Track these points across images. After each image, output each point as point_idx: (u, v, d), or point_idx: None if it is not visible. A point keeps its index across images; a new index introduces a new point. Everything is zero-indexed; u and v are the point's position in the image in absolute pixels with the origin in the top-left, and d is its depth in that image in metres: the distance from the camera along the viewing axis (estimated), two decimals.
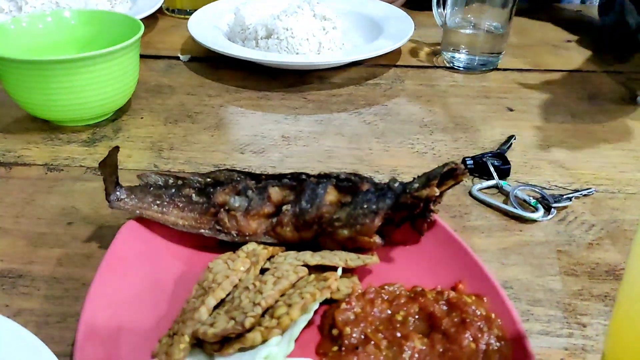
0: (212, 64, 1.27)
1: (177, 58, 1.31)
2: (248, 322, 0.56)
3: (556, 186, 0.88)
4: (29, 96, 0.96)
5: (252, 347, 0.56)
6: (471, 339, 0.57)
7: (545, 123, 1.05)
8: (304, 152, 0.96)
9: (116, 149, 0.71)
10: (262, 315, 0.58)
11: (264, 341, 0.56)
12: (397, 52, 1.33)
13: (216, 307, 0.61)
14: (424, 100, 1.13)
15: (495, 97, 1.15)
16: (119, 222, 0.73)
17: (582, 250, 0.75)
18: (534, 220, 0.79)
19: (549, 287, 0.69)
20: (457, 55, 1.26)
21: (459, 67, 1.26)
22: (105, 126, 1.02)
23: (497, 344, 0.57)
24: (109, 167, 0.71)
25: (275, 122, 1.05)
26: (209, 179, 0.76)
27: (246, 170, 0.78)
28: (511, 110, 1.10)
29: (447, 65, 1.28)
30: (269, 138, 1.00)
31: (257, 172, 0.77)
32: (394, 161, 0.93)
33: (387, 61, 1.29)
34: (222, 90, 1.16)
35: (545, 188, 0.87)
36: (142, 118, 1.05)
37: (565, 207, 0.82)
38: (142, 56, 1.11)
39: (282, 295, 0.60)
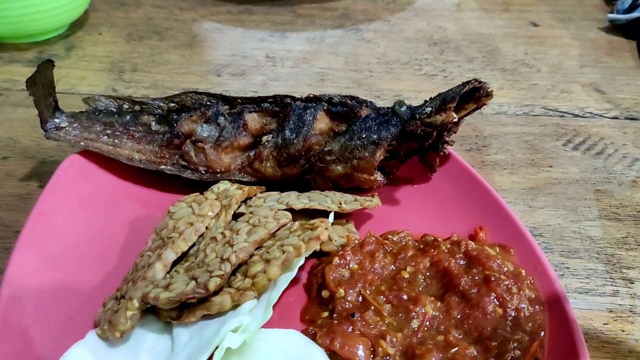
0: None
1: None
2: (213, 284, 0.43)
3: (591, 113, 0.75)
4: None
5: (220, 314, 0.45)
6: (497, 302, 0.46)
7: (577, 40, 0.91)
8: (292, 75, 0.83)
9: (49, 62, 0.56)
10: (233, 273, 0.46)
11: (236, 306, 0.45)
12: None
13: (177, 261, 0.48)
14: (433, 14, 0.99)
15: (517, 11, 1.00)
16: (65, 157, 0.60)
17: (625, 189, 0.63)
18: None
19: (587, 234, 0.57)
20: None
21: None
22: (55, 43, 0.88)
23: (530, 308, 0.46)
24: (41, 87, 0.57)
25: (259, 40, 0.92)
26: (172, 104, 0.62)
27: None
28: (536, 25, 0.96)
29: None
30: (251, 58, 0.87)
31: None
32: (398, 85, 0.81)
33: None
34: (196, 3, 1.01)
35: (578, 116, 0.74)
36: (100, 34, 0.92)
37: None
38: None
39: (258, 248, 0.48)
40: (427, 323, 0.45)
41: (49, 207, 0.53)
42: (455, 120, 0.54)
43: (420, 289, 0.48)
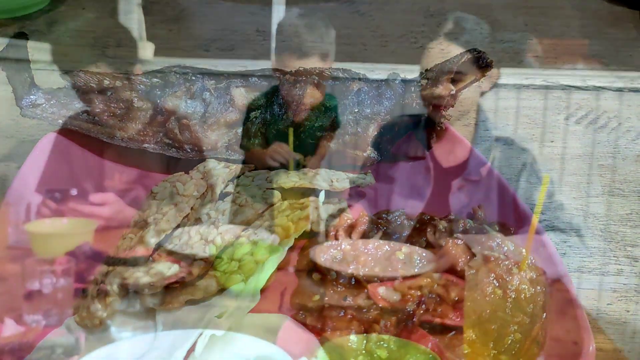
0: None
1: None
2: (196, 268, 0.41)
3: (593, 86, 0.72)
4: None
5: (205, 299, 0.42)
6: (496, 283, 0.44)
7: (579, 10, 0.88)
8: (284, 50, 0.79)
9: (22, 34, 0.53)
10: (219, 256, 0.44)
11: (221, 291, 0.42)
12: None
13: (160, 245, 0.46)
14: None
15: None
16: None
17: (629, 163, 0.61)
18: None
19: (590, 211, 0.56)
20: None
21: None
22: (37, 19, 0.84)
23: (531, 289, 0.44)
24: (15, 61, 0.54)
25: (250, 14, 0.88)
26: (155, 79, 0.60)
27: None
28: None
29: None
30: (241, 33, 0.84)
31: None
32: (393, 58, 0.79)
33: None
34: None
35: (580, 88, 0.71)
36: (83, 9, 0.88)
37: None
38: None
39: (245, 230, 0.46)
40: (423, 306, 0.43)
41: (24, 189, 0.50)
42: (453, 92, 0.52)
43: (416, 270, 0.46)
